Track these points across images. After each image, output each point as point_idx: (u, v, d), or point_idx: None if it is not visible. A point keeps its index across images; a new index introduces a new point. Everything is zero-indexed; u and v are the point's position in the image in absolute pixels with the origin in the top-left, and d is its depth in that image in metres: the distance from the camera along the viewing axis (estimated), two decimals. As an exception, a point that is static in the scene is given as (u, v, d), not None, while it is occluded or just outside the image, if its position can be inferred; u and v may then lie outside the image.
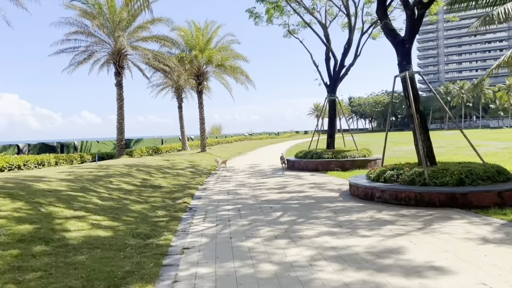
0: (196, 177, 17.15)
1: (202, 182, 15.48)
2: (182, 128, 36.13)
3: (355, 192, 11.02)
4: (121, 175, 14.76)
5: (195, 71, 29.73)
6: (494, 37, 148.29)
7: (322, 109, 21.47)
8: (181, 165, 21.53)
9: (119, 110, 25.47)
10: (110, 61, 25.54)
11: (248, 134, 71.13)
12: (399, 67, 11.58)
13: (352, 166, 17.99)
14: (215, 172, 20.04)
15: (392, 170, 10.71)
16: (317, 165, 18.40)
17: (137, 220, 8.50)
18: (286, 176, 16.82)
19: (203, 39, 28.80)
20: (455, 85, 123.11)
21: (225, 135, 63.97)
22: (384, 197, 9.92)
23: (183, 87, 35.75)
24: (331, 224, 8.00)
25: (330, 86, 20.09)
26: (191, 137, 48.06)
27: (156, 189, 13.20)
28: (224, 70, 29.61)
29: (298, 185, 13.85)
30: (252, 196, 11.85)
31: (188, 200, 11.29)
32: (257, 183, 14.87)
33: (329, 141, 20.21)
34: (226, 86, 31.06)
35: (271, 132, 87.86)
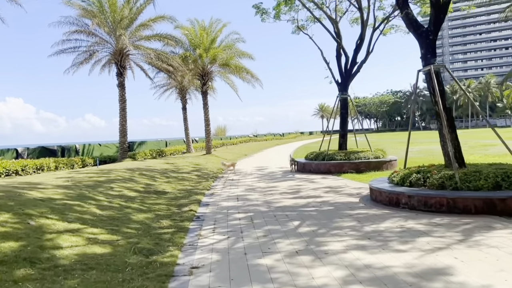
0: (202, 181, 16.26)
1: (209, 187, 14.58)
2: (186, 130, 35.28)
3: (377, 198, 10.07)
4: (123, 180, 13.89)
5: (199, 71, 28.86)
6: (499, 35, 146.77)
7: (333, 108, 20.55)
8: (186, 168, 20.65)
9: (122, 112, 24.64)
10: (112, 61, 24.74)
11: (253, 136, 70.24)
12: (422, 61, 10.64)
13: (366, 168, 17.04)
14: (222, 175, 19.14)
15: (418, 173, 9.76)
16: (330, 167, 17.46)
17: (139, 232, 7.60)
18: (297, 180, 15.89)
19: (208, 38, 27.93)
20: (462, 83, 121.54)
21: (229, 137, 63.16)
22: (412, 203, 8.97)
23: (187, 88, 34.89)
24: (357, 235, 7.07)
25: (342, 84, 19.15)
26: (196, 139, 47.22)
27: (160, 195, 12.30)
28: (229, 70, 28.70)
29: (312, 190, 12.91)
30: (264, 202, 10.93)
31: (195, 207, 10.39)
32: (268, 188, 13.95)
33: (341, 141, 19.26)
34: (232, 86, 30.22)
35: (276, 133, 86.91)
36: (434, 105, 10.44)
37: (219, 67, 28.73)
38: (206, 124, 30.11)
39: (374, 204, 9.90)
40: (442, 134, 10.31)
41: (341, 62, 19.20)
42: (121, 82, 24.54)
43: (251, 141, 61.92)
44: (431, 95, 10.50)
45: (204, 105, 29.70)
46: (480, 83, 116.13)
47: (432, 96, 10.46)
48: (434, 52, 10.53)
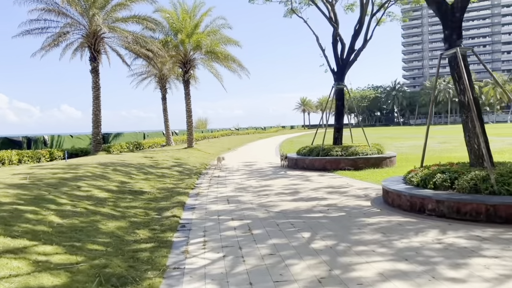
0: (185, 178, 14.51)
1: (193, 185, 12.85)
2: (166, 122, 33.26)
3: (394, 202, 8.58)
4: (94, 177, 12.02)
5: (181, 58, 26.88)
6: (477, 33, 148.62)
7: (327, 99, 19.06)
8: (166, 163, 18.82)
9: (95, 101, 22.52)
10: (85, 44, 22.53)
11: (234, 129, 68.46)
12: (446, 43, 9.17)
13: (365, 164, 15.62)
14: (206, 171, 17.40)
15: (443, 173, 8.30)
16: (325, 164, 15.96)
17: (108, 249, 5.87)
18: (291, 177, 14.32)
19: (191, 22, 25.94)
20: (442, 79, 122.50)
21: (211, 130, 61.25)
22: (441, 210, 7.50)
23: (168, 77, 32.81)
24: (390, 255, 5.54)
25: (338, 73, 17.64)
26: (176, 132, 45.18)
27: (137, 196, 10.52)
28: (214, 57, 26.80)
29: (312, 190, 11.35)
30: (260, 206, 9.31)
31: (179, 211, 8.68)
32: (261, 187, 12.33)
33: (337, 135, 17.77)
34: (216, 75, 28.32)
35: (257, 127, 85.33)
36: (459, 94, 8.99)
37: (203, 55, 26.81)
38: (187, 115, 28.19)
39: (391, 209, 8.41)
40: (468, 128, 8.88)
41: (337, 49, 17.67)
42: (94, 67, 22.38)
43: (233, 135, 60.16)
44: (455, 83, 9.05)
45: (186, 95, 27.76)
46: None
47: (456, 84, 9.01)
48: (460, 33, 9.07)
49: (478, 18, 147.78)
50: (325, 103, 18.68)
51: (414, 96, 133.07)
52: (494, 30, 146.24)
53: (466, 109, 8.89)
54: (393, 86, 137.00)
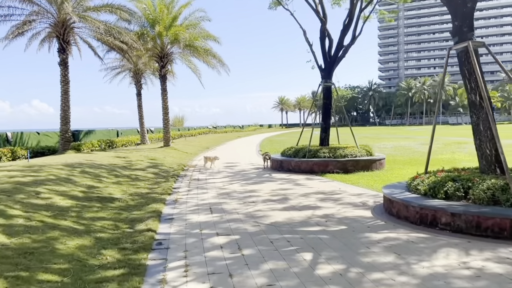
0: (161, 182, 13.25)
1: (170, 190, 11.61)
2: (141, 119, 31.67)
3: (401, 213, 7.62)
4: (57, 181, 10.63)
5: (158, 52, 25.42)
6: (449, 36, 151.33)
7: (314, 97, 18.12)
8: (141, 163, 17.46)
9: (64, 95, 20.85)
10: (53, 34, 20.83)
11: (212, 127, 67.06)
12: (455, 36, 8.28)
13: (354, 167, 14.73)
14: (185, 173, 16.14)
15: (455, 181, 7.40)
16: (313, 166, 14.98)
17: (65, 280, 4.65)
18: (278, 181, 13.25)
19: (169, 14, 24.51)
20: (417, 81, 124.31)
21: (188, 128, 59.62)
22: (457, 224, 6.58)
23: (143, 71, 31.23)
24: (414, 285, 4.54)
25: (325, 69, 16.69)
26: (151, 129, 43.51)
27: (106, 204, 9.23)
28: (193, 52, 25.44)
29: (302, 196, 10.32)
30: (248, 216, 8.19)
31: (154, 224, 7.48)
32: (246, 192, 11.20)
33: (323, 136, 16.81)
34: (195, 71, 26.97)
35: (235, 125, 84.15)
36: (469, 92, 8.12)
37: (181, 49, 25.42)
38: (164, 112, 26.75)
39: (397, 222, 7.45)
40: (479, 131, 8.02)
41: (325, 45, 16.71)
42: (63, 59, 20.70)
43: (211, 133, 58.79)
44: (465, 80, 8.17)
45: (163, 90, 26.30)
46: (434, 81, 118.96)
47: (467, 81, 8.13)
48: (472, 25, 8.20)
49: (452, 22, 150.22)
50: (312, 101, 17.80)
51: (390, 97, 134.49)
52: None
53: (477, 110, 8.03)
54: (369, 86, 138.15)
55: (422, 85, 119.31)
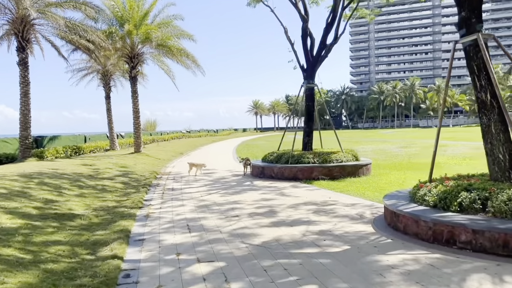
0: (131, 193, 11.91)
1: (141, 202, 10.31)
2: (110, 123, 29.93)
3: (409, 228, 6.65)
4: (8, 195, 9.16)
5: (127, 52, 23.89)
6: (420, 41, 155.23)
7: (296, 99, 17.22)
8: (109, 172, 15.99)
9: (23, 98, 19.08)
10: (12, 32, 19.07)
11: (186, 131, 65.38)
12: (463, 28, 7.41)
13: (341, 173, 13.81)
14: (158, 182, 14.80)
15: (469, 191, 6.50)
16: (296, 173, 13.96)
17: None
18: (261, 190, 12.14)
19: (139, 11, 23.08)
20: (389, 84, 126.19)
21: (160, 132, 57.77)
22: (480, 242, 5.65)
23: (112, 73, 29.52)
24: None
25: (308, 70, 15.75)
26: (121, 134, 41.62)
27: (64, 223, 7.87)
28: (166, 52, 24.03)
29: (291, 208, 9.24)
30: (232, 235, 7.03)
31: (121, 248, 6.23)
32: (227, 204, 10.03)
33: (306, 140, 15.83)
34: (168, 72, 25.55)
35: (209, 129, 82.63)
36: (479, 91, 7.25)
37: (153, 48, 24.00)
38: (135, 116, 25.18)
39: (405, 239, 6.47)
40: (491, 133, 7.16)
41: (307, 44, 15.78)
42: (23, 59, 18.95)
43: (185, 137, 57.13)
44: (474, 77, 7.31)
45: (133, 93, 24.75)
46: (405, 85, 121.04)
47: (476, 78, 7.27)
48: (481, 15, 7.37)
49: (420, 27, 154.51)
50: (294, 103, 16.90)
51: (362, 100, 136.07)
52: (435, 38, 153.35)
53: (488, 110, 7.17)
54: (342, 90, 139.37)
55: (394, 88, 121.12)
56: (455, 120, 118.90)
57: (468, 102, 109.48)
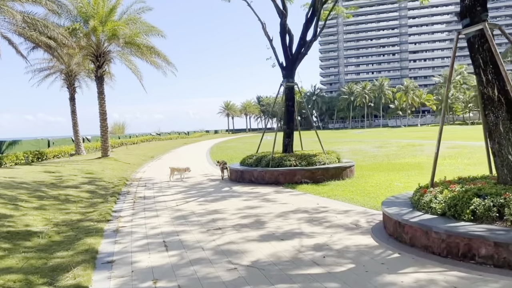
0: (99, 202, 10.77)
1: (109, 214, 9.21)
2: (75, 126, 28.28)
3: (417, 240, 5.93)
4: (-49, 211, 7.89)
5: (93, 50, 22.44)
6: (387, 42, 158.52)
7: (275, 99, 16.48)
8: (74, 179, 14.69)
9: (-23, 100, 17.47)
10: (-39, 28, 17.40)
11: (156, 134, 63.57)
12: (466, 17, 6.78)
13: (324, 176, 13.11)
14: (127, 189, 13.64)
15: (481, 197, 5.85)
16: (278, 176, 13.15)
17: None
18: (243, 195, 11.25)
19: (104, 7, 21.68)
20: (358, 85, 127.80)
21: (129, 135, 55.88)
22: (503, 257, 4.97)
23: (77, 73, 27.91)
24: None
25: (287, 68, 14.99)
26: (88, 138, 39.76)
27: (18, 243, 6.72)
28: (134, 51, 22.72)
29: (280, 217, 8.40)
30: (218, 253, 6.12)
31: (86, 275, 5.21)
32: (207, 213, 9.08)
33: (287, 142, 15.04)
34: (135, 72, 24.22)
35: (180, 132, 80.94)
36: (485, 86, 6.63)
37: (120, 46, 22.65)
38: (101, 118, 23.71)
39: (413, 252, 5.75)
40: (499, 132, 6.56)
41: (285, 40, 15.03)
42: (-25, 57, 17.35)
43: (155, 140, 55.46)
44: (479, 71, 6.69)
45: (99, 94, 23.29)
46: (374, 85, 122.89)
47: (482, 72, 6.65)
48: (486, 3, 6.77)
49: (387, 28, 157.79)
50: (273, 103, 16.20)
51: (333, 101, 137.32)
52: (402, 39, 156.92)
53: (495, 107, 6.56)
54: (313, 91, 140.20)
55: (363, 89, 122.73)
56: (422, 119, 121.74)
57: (435, 102, 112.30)
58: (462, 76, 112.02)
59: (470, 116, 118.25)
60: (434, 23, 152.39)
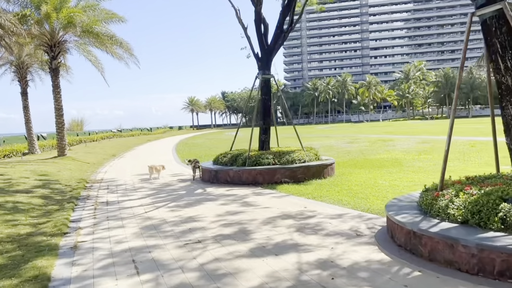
0: (54, 210, 9.33)
1: (66, 226, 7.85)
2: (28, 123, 25.98)
3: (438, 253, 5.06)
4: None
5: (47, 40, 20.46)
6: (349, 39, 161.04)
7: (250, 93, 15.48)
8: (25, 182, 13.02)
9: None
10: None
11: (117, 130, 60.92)
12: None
13: (305, 175, 12.21)
14: (87, 193, 12.17)
15: (509, 202, 5.06)
16: (256, 176, 12.12)
17: None
18: (219, 199, 10.12)
19: (58, -9, 19.75)
20: (322, 81, 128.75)
21: (88, 132, 53.18)
22: (550, 274, 4.18)
23: (29, 65, 25.65)
24: None
25: (263, 59, 13.94)
26: (43, 135, 37.24)
27: None
28: (94, 40, 20.89)
29: (266, 224, 7.37)
30: (203, 277, 5.00)
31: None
32: (182, 222, 7.90)
33: (264, 138, 14.00)
34: (96, 64, 22.34)
35: (143, 128, 78.28)
36: (504, 74, 5.87)
37: (77, 36, 20.78)
38: (57, 113, 21.74)
39: (435, 269, 4.88)
40: (517, 127, 5.83)
41: (261, 29, 13.97)
42: None
43: (116, 137, 52.97)
44: (496, 57, 5.91)
45: (54, 87, 21.30)
46: (337, 81, 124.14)
47: (499, 58, 5.88)
48: (503, -18, 5.99)
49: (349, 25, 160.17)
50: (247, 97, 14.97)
51: (297, 97, 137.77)
52: (363, 36, 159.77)
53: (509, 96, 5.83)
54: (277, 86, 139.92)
55: (327, 85, 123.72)
56: (384, 114, 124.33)
57: (396, 97, 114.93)
58: (421, 72, 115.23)
59: (429, 111, 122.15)
60: (394, 20, 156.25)
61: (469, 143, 22.38)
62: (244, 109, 73.49)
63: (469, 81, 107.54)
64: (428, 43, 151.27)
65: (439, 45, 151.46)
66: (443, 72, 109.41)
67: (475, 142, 22.44)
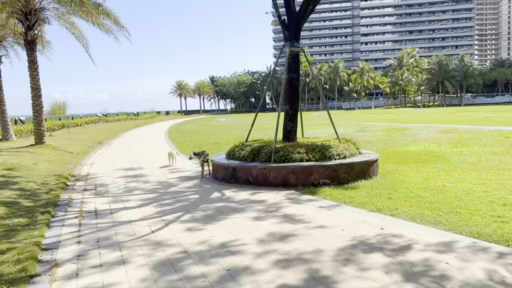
0: (20, 228, 6.60)
1: (35, 258, 5.17)
2: (1, 105, 22.85)
3: None
4: None
5: (20, 6, 17.34)
6: (340, 24, 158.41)
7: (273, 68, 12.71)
8: (-12, 180, 10.19)
9: None
10: None
11: (102, 115, 57.47)
12: None
13: (349, 174, 9.65)
14: (70, 197, 9.40)
15: None
16: (287, 175, 9.50)
17: None
18: (246, 209, 7.47)
19: None
20: (314, 66, 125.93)
21: (72, 116, 49.76)
22: None
23: (2, 38, 22.40)
24: None
25: (292, 28, 11.26)
26: (21, 119, 33.97)
27: None
28: (77, 8, 17.70)
29: (341, 262, 4.80)
30: None
31: None
32: (212, 255, 5.26)
33: (290, 127, 11.30)
34: (80, 38, 19.27)
35: (129, 113, 74.74)
36: None
37: (57, 3, 17.69)
38: (34, 94, 18.68)
39: None
40: None
41: (288, -8, 11.27)
42: None
43: (101, 122, 49.71)
44: None
45: (31, 63, 18.23)
46: (329, 67, 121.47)
47: None
48: None
49: (340, 10, 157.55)
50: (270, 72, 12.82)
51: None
52: (354, 22, 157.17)
53: None
54: (268, 72, 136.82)
55: (319, 70, 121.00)
56: (376, 102, 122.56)
57: (389, 84, 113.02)
58: (414, 59, 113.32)
59: (421, 98, 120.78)
60: (385, 6, 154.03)
61: (499, 133, 20.16)
62: (234, 95, 70.30)
63: (462, 68, 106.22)
64: (419, 30, 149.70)
65: (429, 32, 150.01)
66: (437, 59, 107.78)
67: (504, 132, 20.24)
